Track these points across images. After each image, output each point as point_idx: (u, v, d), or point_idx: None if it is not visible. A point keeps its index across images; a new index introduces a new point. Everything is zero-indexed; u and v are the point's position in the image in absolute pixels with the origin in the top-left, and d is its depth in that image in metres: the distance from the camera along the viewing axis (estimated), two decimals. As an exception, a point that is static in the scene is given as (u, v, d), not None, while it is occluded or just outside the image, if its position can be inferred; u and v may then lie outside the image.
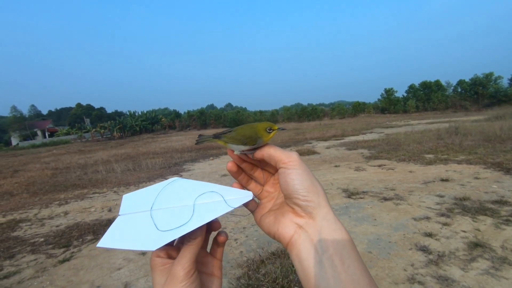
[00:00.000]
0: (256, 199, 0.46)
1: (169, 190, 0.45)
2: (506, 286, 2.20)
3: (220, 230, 0.45)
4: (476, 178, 5.07)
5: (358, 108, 42.16)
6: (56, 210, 5.42)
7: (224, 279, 2.60)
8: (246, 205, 0.46)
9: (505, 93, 34.11)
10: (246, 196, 0.44)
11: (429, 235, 3.09)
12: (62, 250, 3.60)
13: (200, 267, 0.43)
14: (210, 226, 0.44)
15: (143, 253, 3.29)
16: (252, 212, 0.47)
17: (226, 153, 11.47)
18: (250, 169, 0.49)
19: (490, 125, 12.05)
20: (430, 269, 2.49)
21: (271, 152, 0.42)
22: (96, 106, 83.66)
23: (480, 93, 35.73)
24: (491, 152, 7.12)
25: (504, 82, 37.14)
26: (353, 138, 13.21)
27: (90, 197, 6.22)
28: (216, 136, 0.48)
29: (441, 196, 4.26)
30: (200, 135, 0.51)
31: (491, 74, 36.35)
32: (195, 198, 0.43)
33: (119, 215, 0.43)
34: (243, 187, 0.48)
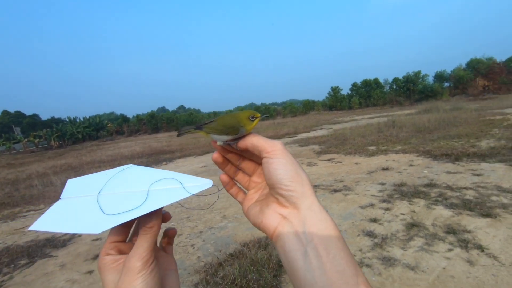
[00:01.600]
0: (217, 187, 0.44)
1: (122, 177, 0.43)
2: (437, 259, 2.49)
3: (169, 227, 0.44)
4: (411, 165, 5.67)
5: (308, 106, 44.18)
6: (-21, 235, 4.67)
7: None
8: (234, 196, 0.46)
9: (431, 89, 38.80)
10: (205, 183, 0.42)
11: (374, 220, 3.36)
12: (-12, 280, 3.12)
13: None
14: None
15: (90, 272, 3.00)
16: (241, 203, 0.46)
17: (180, 157, 11.13)
18: (237, 159, 0.47)
19: (420, 118, 13.59)
20: (375, 252, 2.71)
21: (254, 142, 0.41)
22: (28, 113, 74.53)
23: (411, 89, 40.09)
24: (422, 141, 8.04)
25: (430, 79, 42.19)
26: (304, 135, 13.79)
27: (24, 216, 5.50)
28: (198, 127, 0.45)
29: (383, 184, 4.67)
30: (181, 127, 0.48)
31: (419, 72, 41.01)
32: (150, 184, 0.41)
33: (60, 198, 0.40)
34: (230, 178, 0.46)
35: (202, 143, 14.59)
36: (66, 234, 4.23)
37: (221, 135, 0.43)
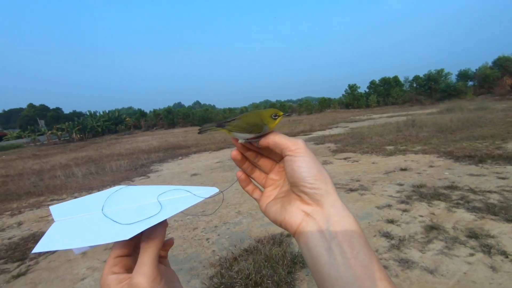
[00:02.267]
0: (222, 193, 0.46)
1: (118, 196, 0.42)
2: (457, 263, 2.42)
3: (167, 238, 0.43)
4: (431, 166, 5.50)
5: (324, 104, 43.56)
6: (8, 221, 4.95)
7: (196, 280, 2.56)
8: (250, 193, 0.47)
9: (454, 88, 37.29)
10: (212, 190, 0.43)
11: (391, 221, 3.29)
12: (16, 264, 3.30)
13: None
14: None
15: (109, 260, 3.12)
16: (257, 200, 0.46)
17: (195, 152, 11.28)
18: (254, 157, 0.47)
19: (442, 117, 13.13)
20: (392, 253, 2.66)
21: (276, 140, 0.41)
22: (51, 106, 77.64)
23: (433, 88, 38.71)
24: (443, 142, 7.76)
25: (453, 78, 40.54)
26: (320, 133, 13.64)
27: (48, 205, 5.76)
28: (220, 125, 0.46)
29: (401, 185, 4.56)
30: (203, 125, 0.49)
31: (442, 70, 39.48)
32: (156, 196, 0.41)
33: (54, 221, 0.40)
34: (248, 175, 0.47)
35: (217, 139, 14.72)
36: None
37: (244, 133, 0.44)
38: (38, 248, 0.36)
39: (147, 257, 0.36)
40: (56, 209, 0.41)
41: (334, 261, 0.33)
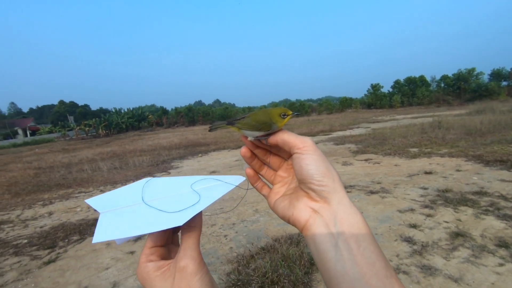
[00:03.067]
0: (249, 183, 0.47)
1: (151, 187, 0.44)
2: (485, 273, 2.30)
3: None
4: (458, 170, 5.25)
5: (345, 104, 42.68)
6: (39, 211, 5.27)
7: (214, 275, 2.60)
8: (259, 190, 0.48)
9: (486, 88, 35.29)
10: (239, 178, 0.46)
11: (414, 226, 3.18)
12: (47, 251, 3.51)
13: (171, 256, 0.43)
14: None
15: (131, 252, 3.25)
16: (266, 197, 0.47)
17: (214, 150, 11.44)
18: (263, 154, 0.48)
19: (471, 119, 12.47)
20: (414, 259, 2.57)
21: (285, 138, 0.42)
22: (80, 103, 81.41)
23: (462, 88, 36.84)
24: (472, 145, 7.37)
25: (485, 78, 38.35)
26: (340, 133, 13.39)
27: (76, 197, 6.08)
28: (230, 123, 0.47)
29: (425, 189, 4.39)
30: (213, 122, 0.51)
31: (473, 69, 37.46)
32: (189, 186, 0.44)
33: (100, 213, 0.41)
34: (256, 172, 0.48)
35: (236, 137, 14.85)
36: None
37: (253, 131, 0.45)
38: (96, 239, 0.37)
39: (191, 242, 0.38)
40: (94, 202, 0.42)
41: (340, 257, 0.34)
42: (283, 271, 2.45)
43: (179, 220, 0.38)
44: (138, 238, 3.60)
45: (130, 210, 0.41)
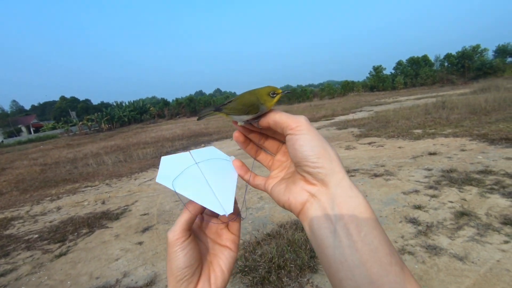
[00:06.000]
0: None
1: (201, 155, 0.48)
2: (490, 250, 2.32)
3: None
4: (462, 150, 5.21)
5: (347, 87, 42.14)
6: (48, 206, 5.37)
7: (221, 262, 2.65)
8: (251, 182, 0.47)
9: (491, 65, 34.52)
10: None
11: (418, 207, 3.19)
12: (57, 245, 3.60)
13: (215, 238, 0.45)
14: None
15: (140, 243, 3.31)
16: (261, 186, 0.45)
17: (217, 139, 11.45)
18: (259, 139, 0.46)
19: (475, 98, 12.27)
20: (419, 240, 2.59)
21: (276, 118, 0.39)
22: (81, 98, 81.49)
23: (466, 66, 36.09)
24: (477, 124, 7.29)
25: (489, 54, 37.46)
26: (343, 118, 13.29)
27: (82, 191, 6.16)
28: (217, 109, 0.45)
29: (429, 170, 4.38)
30: (200, 110, 0.49)
31: (477, 46, 36.52)
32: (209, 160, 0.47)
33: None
34: (254, 158, 0.48)
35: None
36: (119, 208, 4.67)
37: (241, 115, 0.42)
38: (159, 179, 0.41)
39: (180, 218, 0.40)
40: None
41: (339, 243, 0.31)
42: (289, 256, 2.48)
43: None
44: (146, 229, 3.66)
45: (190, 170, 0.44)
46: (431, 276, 2.13)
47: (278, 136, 0.45)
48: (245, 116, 0.42)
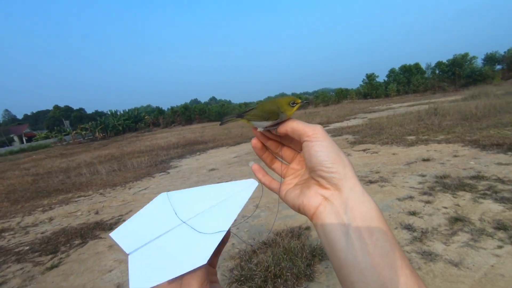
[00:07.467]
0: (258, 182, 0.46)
1: (176, 201, 0.43)
2: (484, 256, 2.33)
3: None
4: (455, 156, 5.28)
5: (341, 95, 42.62)
6: (40, 217, 5.26)
7: (217, 272, 2.62)
8: (268, 185, 0.46)
9: (480, 73, 35.31)
10: (252, 182, 0.45)
11: (413, 213, 3.21)
12: (49, 256, 3.52)
13: None
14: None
15: (134, 253, 3.25)
16: (275, 190, 0.46)
17: (213, 147, 11.43)
18: (276, 147, 0.48)
19: (466, 104, 12.51)
20: (414, 246, 2.60)
21: (294, 126, 0.41)
22: (75, 107, 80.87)
23: (457, 73, 36.83)
24: (468, 130, 7.41)
25: (478, 62, 38.34)
26: (337, 125, 13.40)
27: (75, 201, 6.07)
28: (240, 115, 0.47)
29: (423, 176, 4.42)
30: (223, 117, 0.51)
31: (466, 54, 37.45)
32: (207, 198, 0.43)
33: (128, 254, 0.38)
34: (269, 166, 0.48)
35: (234, 134, 14.83)
36: (112, 218, 4.60)
37: (261, 121, 0.44)
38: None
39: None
40: (117, 235, 0.40)
41: (351, 246, 0.32)
42: (286, 264, 2.47)
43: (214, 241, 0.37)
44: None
45: (160, 241, 0.38)
46: (427, 282, 2.13)
47: (294, 145, 0.47)
48: (265, 122, 0.44)
